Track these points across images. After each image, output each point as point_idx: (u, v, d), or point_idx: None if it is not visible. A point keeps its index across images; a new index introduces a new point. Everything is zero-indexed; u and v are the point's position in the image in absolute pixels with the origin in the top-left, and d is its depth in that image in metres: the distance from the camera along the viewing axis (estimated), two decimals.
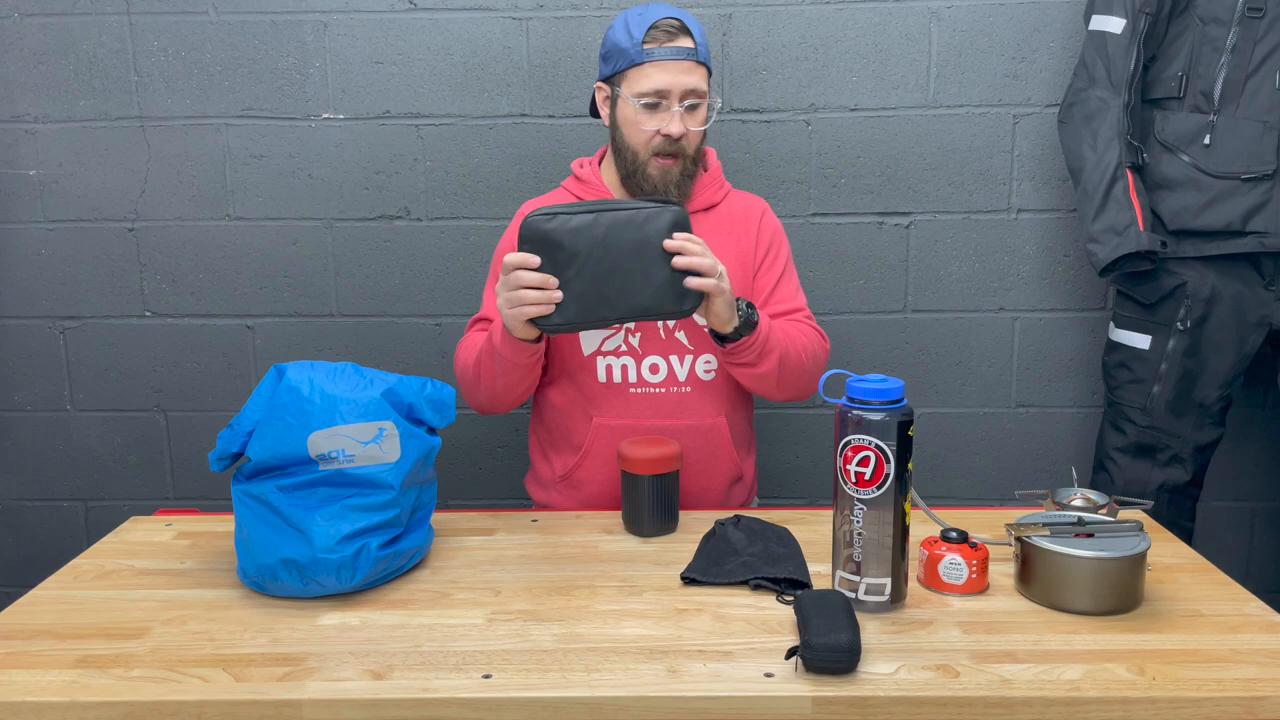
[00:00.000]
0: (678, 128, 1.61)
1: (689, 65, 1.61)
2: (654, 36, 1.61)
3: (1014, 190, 2.23)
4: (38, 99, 2.22)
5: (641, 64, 1.61)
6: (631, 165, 1.66)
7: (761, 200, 1.80)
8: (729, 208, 1.76)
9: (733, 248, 1.72)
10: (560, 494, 1.74)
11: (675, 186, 1.66)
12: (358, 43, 2.19)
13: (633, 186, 1.69)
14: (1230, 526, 2.35)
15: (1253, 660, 1.12)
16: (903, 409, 1.21)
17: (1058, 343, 2.29)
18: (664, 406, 1.68)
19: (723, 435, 1.71)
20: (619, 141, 1.68)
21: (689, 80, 1.61)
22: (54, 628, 1.22)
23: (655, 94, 1.61)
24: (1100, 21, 1.97)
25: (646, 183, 1.66)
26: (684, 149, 1.64)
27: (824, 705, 1.06)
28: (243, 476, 1.33)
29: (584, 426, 1.69)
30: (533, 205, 1.77)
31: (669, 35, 1.61)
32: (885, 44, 2.18)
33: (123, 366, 2.32)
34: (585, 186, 1.75)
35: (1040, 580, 1.26)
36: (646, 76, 1.61)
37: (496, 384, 1.62)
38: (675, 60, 1.60)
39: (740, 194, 1.80)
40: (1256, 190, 1.90)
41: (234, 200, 2.25)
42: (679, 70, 1.61)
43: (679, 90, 1.61)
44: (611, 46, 1.66)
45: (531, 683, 1.09)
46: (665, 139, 1.62)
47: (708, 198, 1.74)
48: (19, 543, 2.41)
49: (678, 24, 1.62)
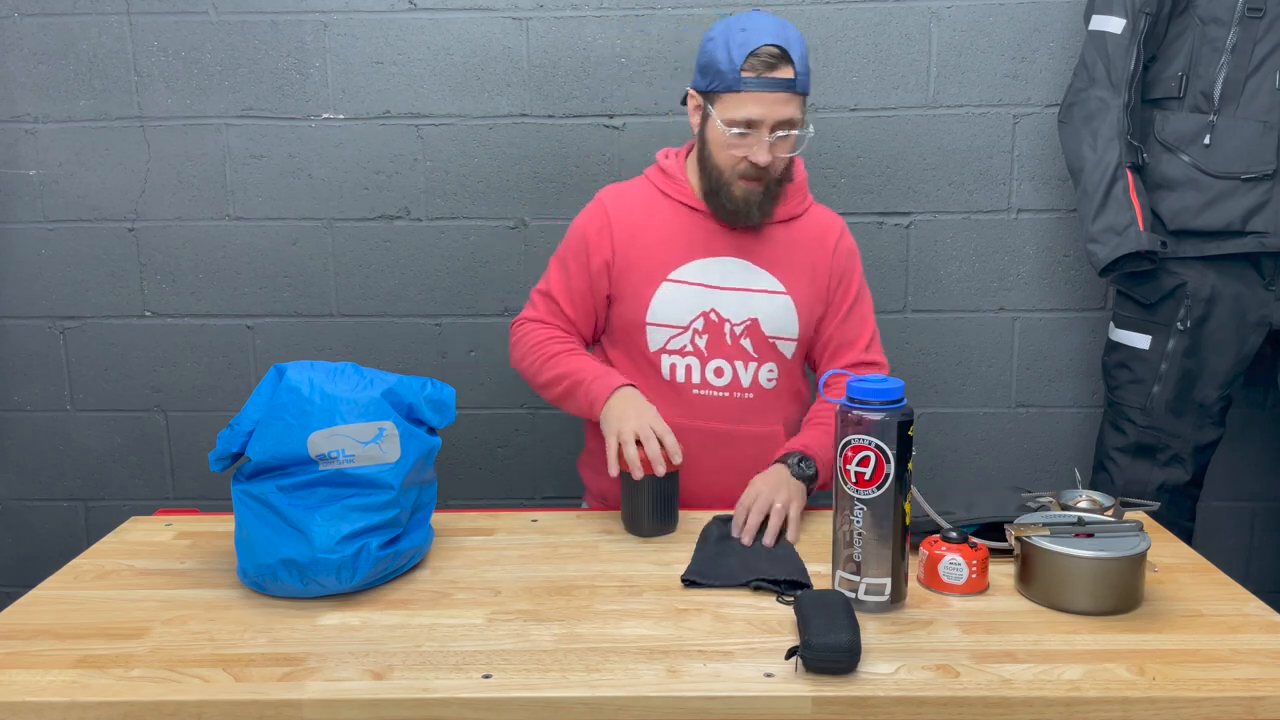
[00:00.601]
0: (765, 158, 1.58)
1: (786, 97, 1.56)
2: (753, 65, 1.54)
3: (1014, 190, 2.23)
4: (38, 99, 2.22)
5: (738, 92, 1.55)
6: (716, 183, 1.64)
7: (839, 220, 1.77)
8: (808, 223, 1.73)
9: (806, 263, 1.70)
10: (613, 483, 1.73)
11: (757, 207, 1.64)
12: (358, 43, 2.19)
13: (715, 202, 1.66)
14: (1230, 526, 2.35)
15: (1253, 660, 1.12)
16: (903, 409, 1.21)
17: (1058, 343, 2.29)
18: (725, 411, 1.67)
19: (779, 443, 1.70)
20: (706, 157, 1.65)
21: (784, 112, 1.56)
22: (54, 628, 1.22)
23: (747, 124, 1.57)
24: (1100, 21, 1.97)
25: (730, 202, 1.64)
26: (769, 174, 1.62)
27: (824, 705, 1.06)
28: (243, 476, 1.33)
29: None
30: (611, 192, 1.76)
31: (769, 65, 1.54)
32: (885, 44, 2.18)
33: (123, 366, 2.32)
34: (669, 181, 1.73)
35: (1040, 580, 1.26)
36: (741, 105, 1.56)
37: (564, 406, 1.69)
38: (772, 92, 1.55)
39: (821, 210, 1.77)
40: (1256, 190, 1.90)
41: (234, 200, 2.25)
42: (774, 102, 1.55)
43: (772, 122, 1.56)
44: (709, 62, 1.59)
45: (531, 683, 1.09)
46: (752, 165, 1.59)
47: (790, 209, 1.71)
48: (19, 543, 2.41)
49: (779, 53, 1.54)
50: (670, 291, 1.67)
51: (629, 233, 1.70)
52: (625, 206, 1.72)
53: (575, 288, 1.72)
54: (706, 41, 1.62)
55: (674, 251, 1.68)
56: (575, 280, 1.72)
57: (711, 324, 1.67)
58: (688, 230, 1.69)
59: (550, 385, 1.69)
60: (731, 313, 1.67)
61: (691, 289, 1.67)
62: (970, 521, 1.42)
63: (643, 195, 1.74)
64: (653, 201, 1.72)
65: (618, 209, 1.72)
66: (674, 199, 1.71)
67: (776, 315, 1.68)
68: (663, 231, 1.69)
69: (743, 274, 1.68)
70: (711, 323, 1.67)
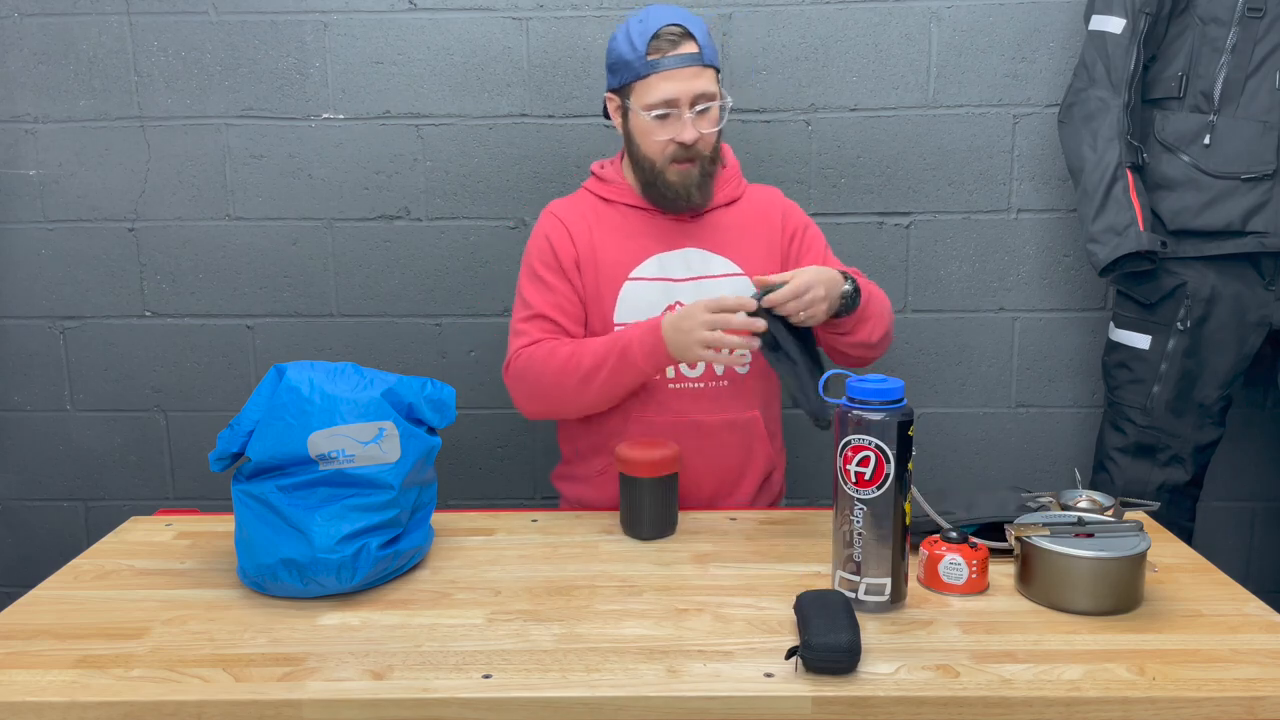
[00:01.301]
0: (691, 134, 1.61)
1: (696, 70, 1.60)
2: (657, 46, 1.59)
3: (1014, 190, 2.23)
4: (38, 99, 2.22)
5: (648, 76, 1.60)
6: (650, 174, 1.67)
7: (775, 188, 1.83)
8: (749, 201, 1.77)
9: (761, 238, 1.73)
10: (596, 489, 1.73)
11: (696, 189, 1.66)
12: (358, 43, 2.19)
13: (654, 195, 1.69)
14: (1230, 526, 2.35)
15: (1253, 660, 1.12)
16: (903, 409, 1.21)
17: (1058, 343, 2.29)
18: (702, 402, 1.68)
19: (758, 428, 1.72)
20: (635, 152, 1.68)
21: (698, 85, 1.60)
22: (54, 628, 1.23)
23: (665, 104, 1.60)
24: (1100, 21, 1.97)
25: (668, 190, 1.66)
26: (699, 151, 1.64)
27: (824, 705, 1.06)
28: (243, 476, 1.33)
29: (622, 423, 1.69)
30: (558, 205, 1.77)
31: (672, 43, 1.59)
32: (885, 44, 2.18)
33: (123, 366, 2.32)
34: (608, 187, 1.75)
35: (1040, 580, 1.26)
36: (654, 88, 1.60)
37: (614, 391, 1.62)
38: (681, 68, 1.59)
39: (757, 187, 1.82)
40: (1256, 190, 1.90)
41: (234, 200, 2.25)
42: (686, 77, 1.59)
43: (688, 97, 1.60)
44: (616, 59, 1.64)
45: (531, 683, 1.09)
46: (680, 146, 1.62)
47: (729, 193, 1.75)
48: (19, 543, 2.41)
49: (680, 30, 1.60)
50: (634, 290, 1.68)
51: (585, 239, 1.71)
52: (575, 215, 1.74)
53: (560, 296, 1.70)
54: (610, 43, 1.67)
55: (629, 252, 1.70)
56: (558, 289, 1.70)
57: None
58: (638, 230, 1.71)
59: (592, 375, 1.61)
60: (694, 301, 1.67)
61: (653, 284, 1.68)
62: (970, 521, 1.42)
63: (587, 205, 1.76)
64: (598, 209, 1.75)
65: (569, 217, 1.74)
66: (617, 203, 1.74)
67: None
68: (614, 235, 1.71)
69: (699, 262, 1.70)
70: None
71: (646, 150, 1.65)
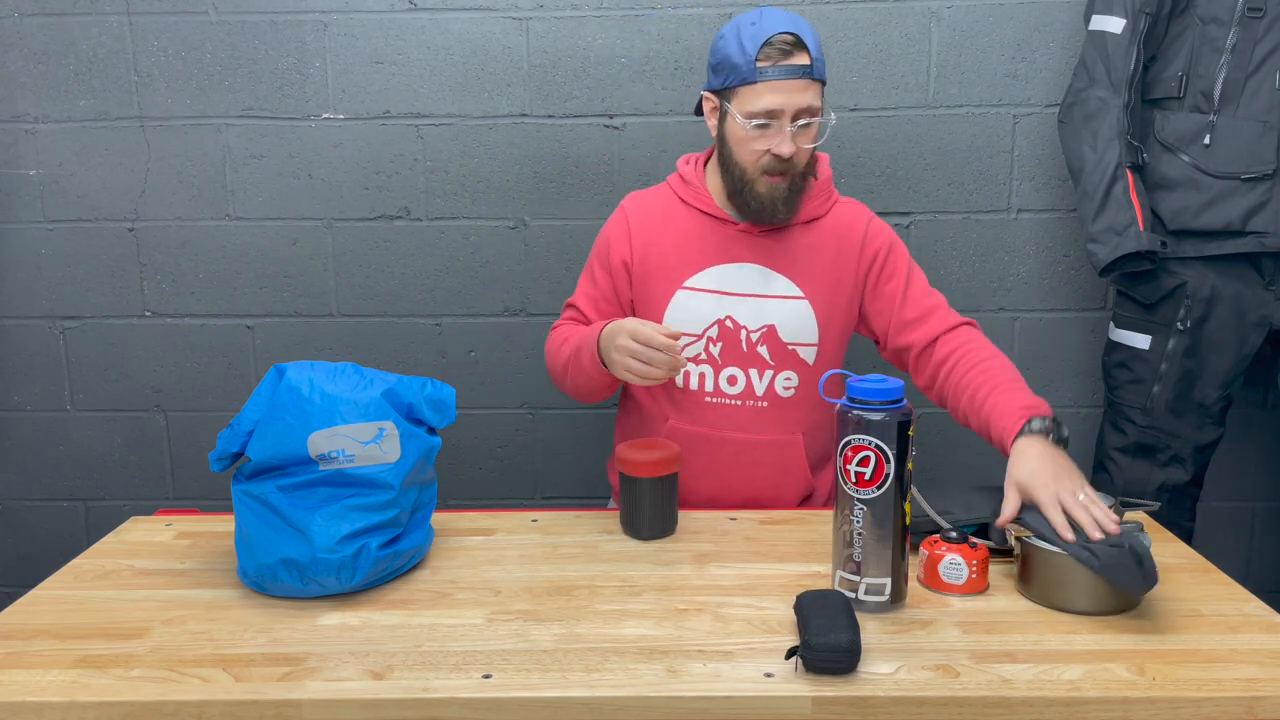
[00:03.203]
0: (789, 149, 1.55)
1: (805, 84, 1.53)
2: (768, 54, 1.52)
3: (1014, 190, 2.23)
4: (38, 99, 2.22)
5: (755, 83, 1.53)
6: (739, 182, 1.61)
7: (865, 208, 1.73)
8: (833, 220, 1.70)
9: (827, 265, 1.67)
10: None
11: (783, 203, 1.61)
12: (358, 43, 2.19)
13: (739, 203, 1.63)
14: (1230, 526, 2.35)
15: (1253, 660, 1.12)
16: (903, 409, 1.21)
17: (1058, 343, 2.29)
18: (739, 419, 1.66)
19: (797, 453, 1.68)
20: (727, 157, 1.62)
21: (804, 99, 1.54)
22: (54, 628, 1.22)
23: (767, 115, 1.54)
24: (1100, 21, 1.97)
25: (754, 200, 1.61)
26: (794, 165, 1.59)
27: (824, 705, 1.06)
28: (243, 476, 1.33)
29: (661, 427, 1.69)
30: (633, 199, 1.75)
31: (784, 53, 1.52)
32: (885, 44, 2.18)
33: (123, 366, 2.32)
34: (687, 188, 1.71)
35: (1040, 580, 1.26)
36: (759, 96, 1.53)
37: (579, 385, 1.63)
38: (790, 79, 1.52)
39: (846, 203, 1.73)
40: (1256, 190, 1.90)
41: (234, 200, 2.25)
42: (794, 90, 1.53)
43: (793, 110, 1.54)
44: (722, 59, 1.57)
45: (531, 683, 1.09)
46: (775, 158, 1.57)
47: (812, 209, 1.68)
48: (19, 543, 2.41)
49: (793, 39, 1.53)
50: (686, 299, 1.66)
51: (647, 238, 1.69)
52: (645, 213, 1.72)
53: (600, 292, 1.72)
54: (717, 41, 1.61)
55: (690, 258, 1.67)
56: (600, 284, 1.72)
57: (727, 331, 1.65)
58: (705, 237, 1.68)
59: (566, 369, 1.64)
60: (747, 319, 1.65)
61: (707, 296, 1.66)
62: (970, 521, 1.42)
63: (662, 202, 1.73)
64: (671, 208, 1.71)
65: (637, 215, 1.72)
66: (692, 206, 1.70)
67: (794, 321, 1.66)
68: (680, 238, 1.68)
69: (760, 280, 1.66)
70: (727, 330, 1.65)
71: (740, 158, 1.60)
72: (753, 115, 1.55)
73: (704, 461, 1.67)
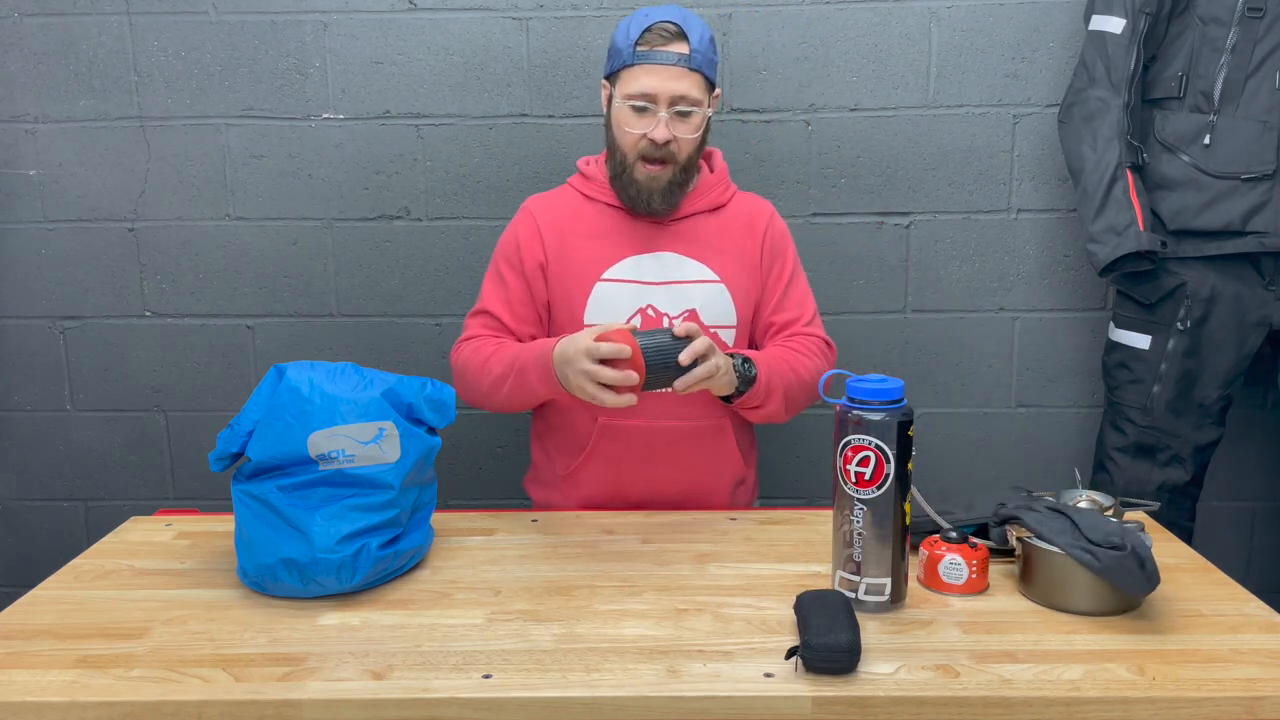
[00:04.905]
0: (663, 133, 1.60)
1: (679, 71, 1.59)
2: (648, 39, 1.60)
3: (1014, 190, 2.23)
4: (38, 99, 2.22)
5: (632, 65, 1.60)
6: (620, 167, 1.66)
7: (768, 204, 1.79)
8: (735, 210, 1.75)
9: (737, 250, 1.72)
10: (562, 493, 1.73)
11: (660, 195, 1.64)
12: (358, 43, 2.19)
13: (619, 189, 1.68)
14: (1230, 526, 2.35)
15: (1253, 660, 1.12)
16: (903, 409, 1.21)
17: (1058, 343, 2.29)
18: (670, 407, 1.66)
19: (728, 437, 1.71)
20: (611, 142, 1.68)
21: (678, 86, 1.59)
22: (54, 628, 1.23)
23: (642, 97, 1.60)
24: (1100, 21, 1.97)
25: (632, 186, 1.65)
26: (673, 155, 1.63)
27: (824, 705, 1.06)
28: (243, 476, 1.33)
29: (589, 426, 1.69)
30: (537, 200, 1.77)
31: (663, 39, 1.60)
32: (885, 44, 2.18)
33: (123, 366, 2.32)
34: (590, 184, 1.74)
35: (1040, 580, 1.26)
36: (635, 78, 1.60)
37: (515, 400, 1.62)
38: (666, 65, 1.59)
39: (747, 196, 1.79)
40: (1256, 190, 1.90)
41: (234, 200, 2.25)
42: (668, 75, 1.59)
43: (666, 95, 1.59)
44: (611, 44, 1.66)
45: (531, 683, 1.09)
46: (651, 143, 1.61)
47: (714, 198, 1.73)
48: (19, 543, 2.41)
49: (675, 29, 1.60)
50: (605, 291, 1.67)
51: (558, 236, 1.71)
52: (551, 211, 1.74)
53: (513, 295, 1.71)
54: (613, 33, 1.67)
55: (605, 252, 1.69)
56: (512, 287, 1.71)
57: (650, 319, 1.66)
58: (615, 230, 1.70)
59: (499, 385, 1.61)
60: (669, 306, 1.67)
61: (626, 286, 1.67)
62: (970, 521, 1.42)
63: (567, 201, 1.75)
64: (577, 206, 1.74)
65: (545, 215, 1.73)
66: (598, 201, 1.73)
67: (713, 304, 1.68)
68: (591, 233, 1.70)
69: (675, 266, 1.69)
70: (649, 318, 1.66)
71: (620, 141, 1.65)
72: (629, 97, 1.61)
73: (639, 454, 1.67)
